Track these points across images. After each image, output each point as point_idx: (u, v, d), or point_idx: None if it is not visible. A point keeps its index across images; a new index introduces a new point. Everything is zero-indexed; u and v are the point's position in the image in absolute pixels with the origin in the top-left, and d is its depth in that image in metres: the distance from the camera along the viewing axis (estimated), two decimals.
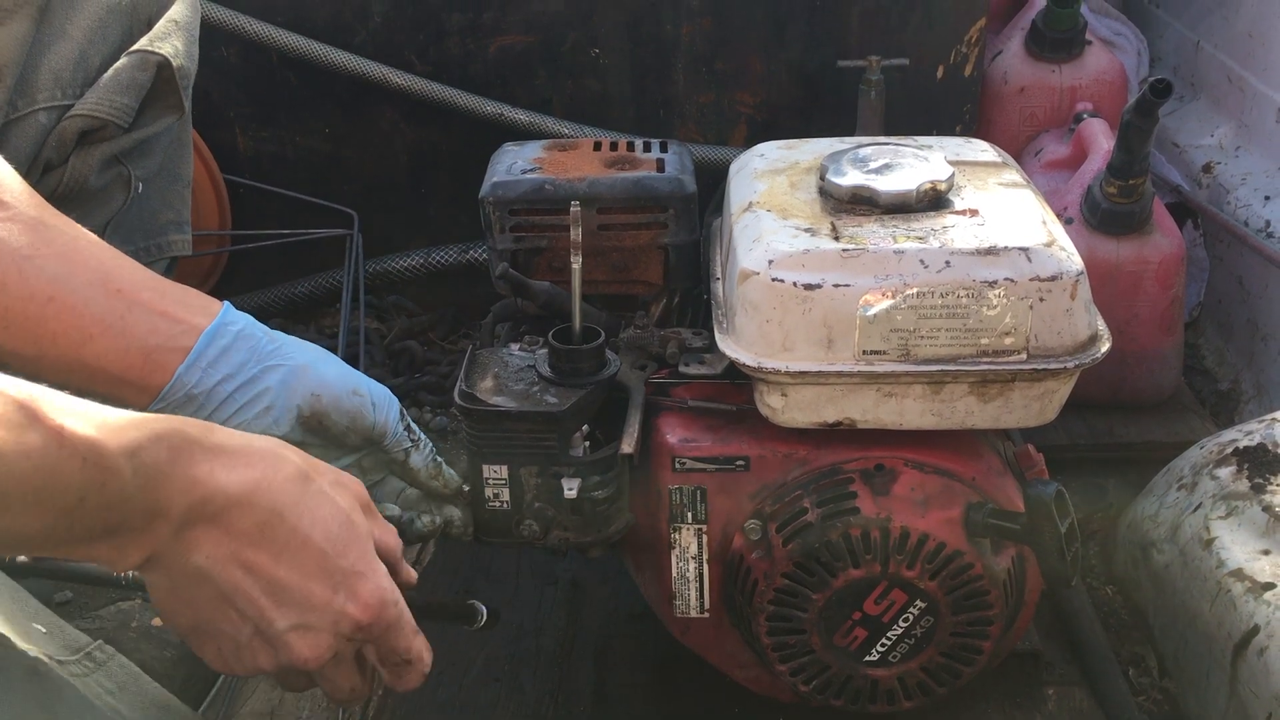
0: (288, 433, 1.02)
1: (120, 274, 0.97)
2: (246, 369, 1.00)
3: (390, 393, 1.11)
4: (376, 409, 1.08)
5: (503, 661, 1.43)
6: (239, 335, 1.00)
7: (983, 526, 1.12)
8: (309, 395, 1.03)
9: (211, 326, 0.99)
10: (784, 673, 1.18)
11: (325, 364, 1.05)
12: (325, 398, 1.04)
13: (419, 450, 1.13)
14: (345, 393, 1.05)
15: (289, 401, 1.02)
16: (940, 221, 1.14)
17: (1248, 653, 1.22)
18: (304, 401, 1.03)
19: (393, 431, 1.10)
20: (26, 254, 0.93)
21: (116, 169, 1.19)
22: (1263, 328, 1.93)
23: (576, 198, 1.25)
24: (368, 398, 1.07)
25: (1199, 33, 2.28)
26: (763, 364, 1.11)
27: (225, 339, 0.99)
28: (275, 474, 0.83)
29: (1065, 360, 1.10)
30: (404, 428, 1.11)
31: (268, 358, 1.01)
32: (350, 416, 1.06)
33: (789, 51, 2.05)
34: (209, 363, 0.98)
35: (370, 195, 2.13)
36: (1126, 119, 1.63)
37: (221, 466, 0.80)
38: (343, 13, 2.02)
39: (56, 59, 1.13)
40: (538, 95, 2.07)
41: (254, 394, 1.00)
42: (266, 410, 1.01)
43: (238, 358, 1.00)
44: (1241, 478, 1.38)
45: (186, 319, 0.98)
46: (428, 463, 1.14)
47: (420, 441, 1.13)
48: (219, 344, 0.99)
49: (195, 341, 0.97)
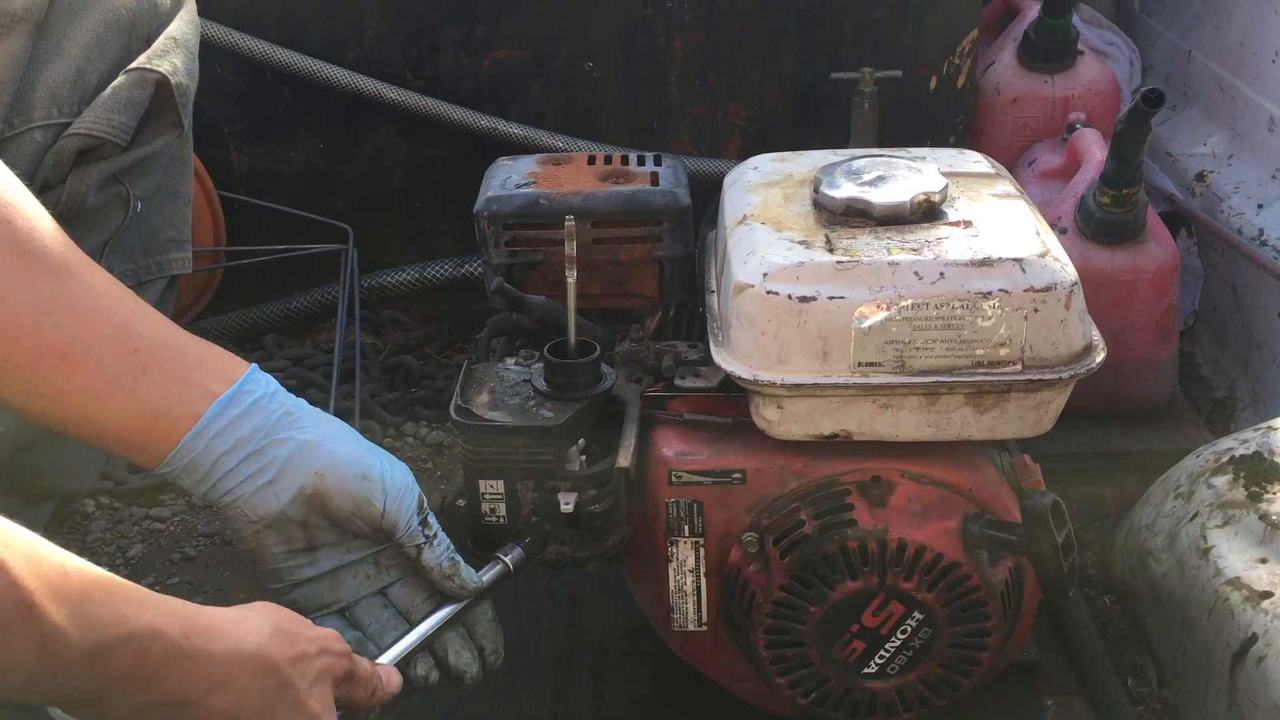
0: (288, 508, 0.98)
1: (141, 331, 0.95)
2: (254, 440, 0.96)
3: (411, 481, 1.04)
4: (388, 496, 1.01)
5: (501, 676, 1.43)
6: (252, 405, 0.97)
7: (980, 537, 1.12)
8: (313, 473, 0.98)
9: (226, 394, 0.96)
10: (782, 686, 1.18)
11: (337, 442, 1.00)
12: (329, 478, 0.99)
13: (433, 548, 1.05)
14: (353, 476, 1.00)
15: (293, 478, 0.98)
16: (934, 233, 1.14)
17: (1246, 661, 1.22)
18: (307, 480, 0.98)
19: (405, 524, 1.03)
20: (45, 309, 0.91)
21: (115, 188, 1.17)
22: (1257, 335, 1.94)
23: (571, 212, 1.25)
24: (378, 483, 1.01)
25: (1190, 42, 2.29)
26: (758, 376, 1.11)
27: (238, 408, 0.96)
28: (248, 688, 0.83)
29: (1060, 370, 1.10)
30: (420, 520, 1.04)
31: (277, 429, 0.98)
32: (355, 501, 1.00)
33: (782, 64, 2.06)
34: (217, 431, 0.95)
35: (365, 210, 2.13)
36: (1119, 129, 1.63)
37: (193, 674, 0.80)
38: (336, 28, 2.03)
39: (53, 76, 1.12)
40: (531, 109, 2.07)
41: (258, 466, 0.97)
42: (269, 484, 0.97)
43: (247, 427, 0.96)
44: (1238, 486, 1.38)
45: (202, 383, 0.96)
46: (441, 561, 1.05)
47: (436, 538, 1.05)
48: (230, 413, 0.96)
49: (207, 408, 0.95)
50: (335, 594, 1.04)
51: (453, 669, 1.08)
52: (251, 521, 0.98)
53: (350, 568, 1.04)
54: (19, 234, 0.91)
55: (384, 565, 1.06)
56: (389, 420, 1.98)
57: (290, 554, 1.01)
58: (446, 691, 1.39)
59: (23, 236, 0.91)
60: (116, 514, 1.77)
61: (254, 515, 0.98)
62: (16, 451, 1.15)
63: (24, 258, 0.91)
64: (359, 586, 1.05)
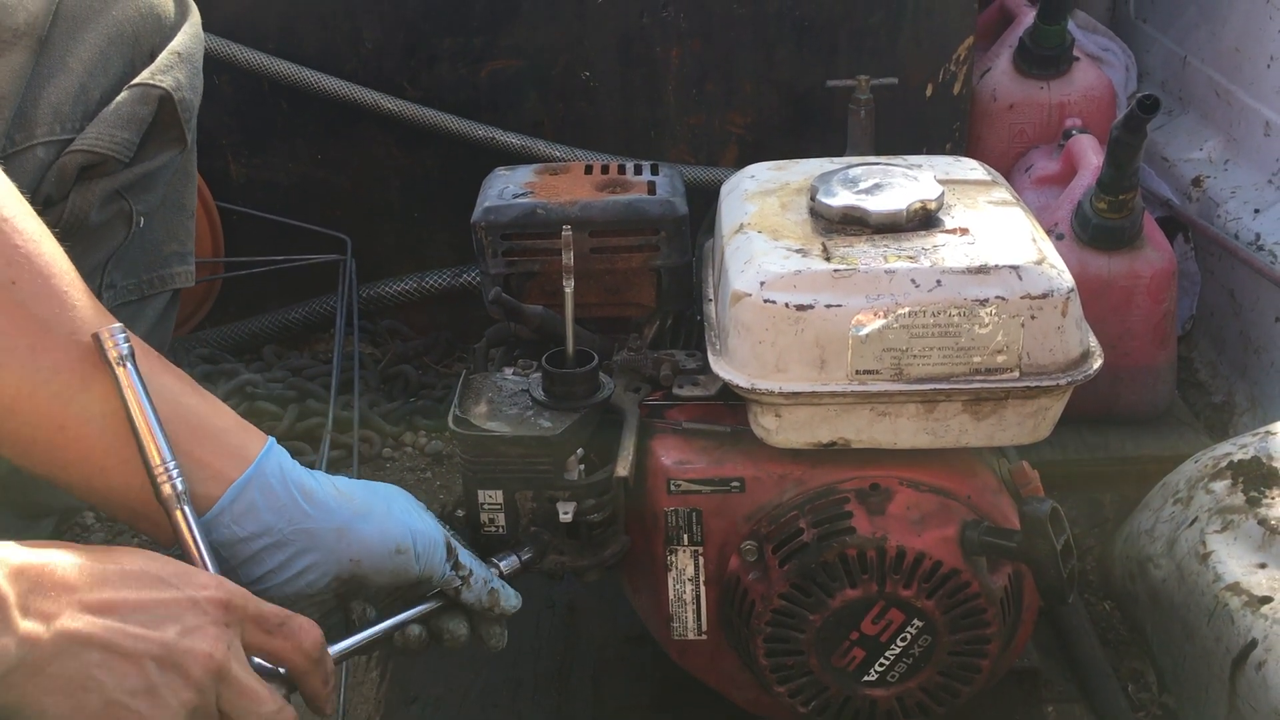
0: (324, 592, 0.97)
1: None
2: (276, 530, 0.94)
3: (436, 530, 1.03)
4: (421, 560, 1.01)
5: (500, 687, 1.43)
6: (270, 490, 0.94)
7: (979, 544, 1.12)
8: (348, 561, 0.96)
9: (241, 479, 0.93)
10: (782, 694, 1.18)
11: (364, 522, 0.98)
12: (365, 563, 0.97)
13: (470, 588, 1.06)
14: (387, 554, 0.98)
15: (326, 568, 0.96)
16: (931, 240, 1.15)
17: (1246, 667, 1.22)
18: (344, 569, 0.97)
19: (439, 575, 1.03)
20: (45, 377, 0.88)
21: (118, 204, 1.16)
22: (1255, 340, 1.94)
23: (568, 221, 1.25)
24: (410, 552, 1.00)
25: (1186, 48, 2.30)
26: (756, 385, 1.11)
27: (255, 493, 0.93)
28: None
29: (1058, 377, 1.11)
30: (451, 565, 1.04)
31: (302, 519, 0.95)
32: (393, 575, 0.99)
33: (778, 72, 2.06)
34: (233, 518, 0.93)
35: (363, 220, 2.14)
36: (1115, 135, 1.64)
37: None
38: (334, 40, 2.03)
39: (56, 92, 1.11)
40: (529, 119, 2.08)
41: (285, 558, 0.94)
42: (299, 575, 0.95)
43: (267, 517, 0.94)
44: (1237, 491, 1.39)
45: (213, 464, 0.93)
46: (480, 598, 1.07)
47: (472, 577, 1.06)
48: (247, 498, 0.93)
49: (222, 492, 0.92)
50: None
51: (446, 632, 1.07)
52: (285, 601, 0.94)
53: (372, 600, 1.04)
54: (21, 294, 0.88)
55: (405, 595, 1.06)
56: (388, 430, 1.98)
57: (323, 617, 0.99)
58: (447, 703, 1.40)
59: (26, 297, 0.88)
60: (115, 527, 1.77)
61: (286, 600, 0.95)
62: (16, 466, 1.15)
63: (26, 319, 0.88)
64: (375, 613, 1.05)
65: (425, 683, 1.44)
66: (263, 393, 1.97)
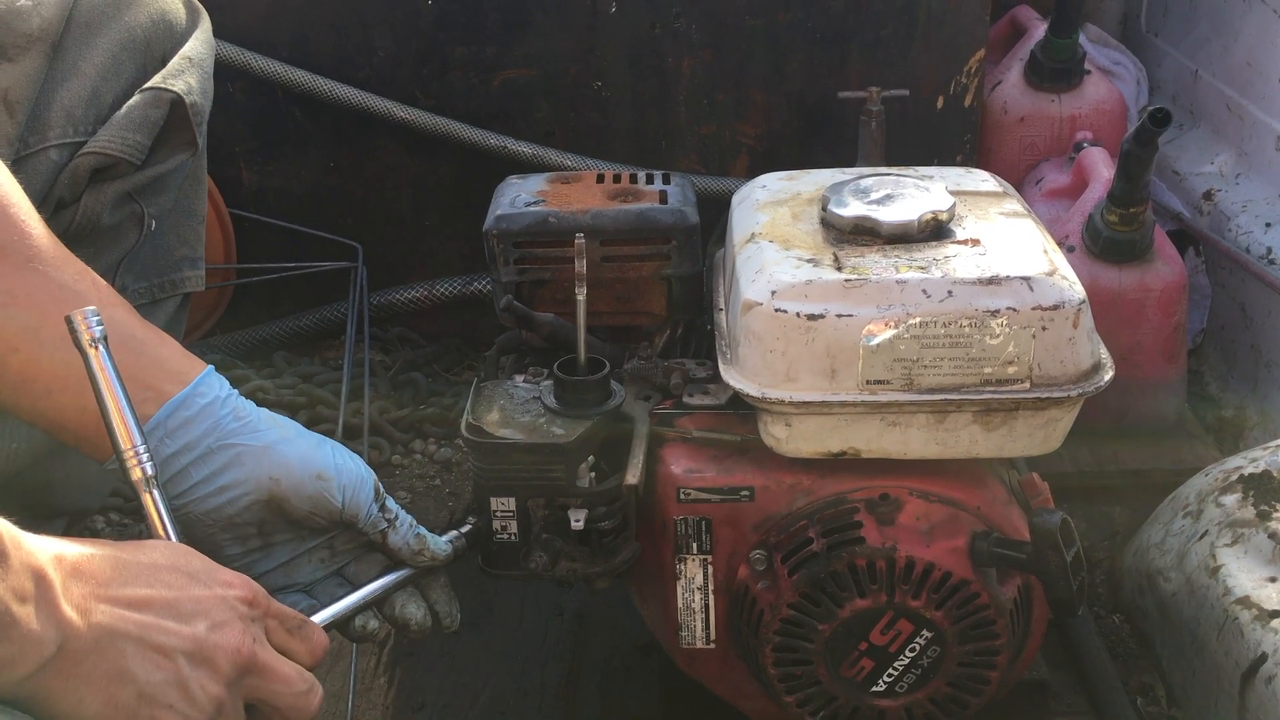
0: (243, 513, 0.99)
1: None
2: (203, 444, 0.97)
3: (365, 470, 1.05)
4: (345, 492, 1.02)
5: (508, 694, 1.43)
6: (204, 408, 0.97)
7: (988, 555, 1.12)
8: (267, 479, 0.98)
9: (177, 396, 0.96)
10: (791, 704, 1.17)
11: (289, 444, 1.00)
12: (285, 482, 0.99)
13: (396, 530, 1.06)
14: (308, 477, 0.99)
15: (246, 484, 0.98)
16: (942, 251, 1.15)
17: (1256, 681, 1.21)
18: (262, 485, 0.98)
19: (365, 514, 1.03)
20: (2, 301, 0.92)
21: (130, 206, 1.18)
22: (1266, 354, 1.94)
23: (580, 230, 1.25)
24: (333, 481, 1.01)
25: (1197, 62, 2.30)
26: (767, 394, 1.11)
27: (189, 410, 0.97)
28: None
29: (1069, 389, 1.11)
30: (378, 508, 1.05)
31: (229, 435, 0.98)
32: (312, 502, 1.00)
33: (790, 83, 2.06)
34: (166, 433, 0.96)
35: (374, 228, 2.14)
36: (1126, 148, 1.64)
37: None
38: (347, 48, 2.04)
39: (69, 95, 1.13)
40: (540, 128, 2.08)
41: (209, 471, 0.97)
42: (221, 490, 0.97)
43: (196, 431, 0.97)
44: (1247, 505, 1.38)
45: (155, 385, 0.96)
46: (407, 541, 1.07)
47: (397, 520, 1.06)
48: (181, 415, 0.96)
49: (157, 410, 0.95)
50: (291, 579, 1.05)
51: (398, 619, 1.09)
52: (206, 524, 0.98)
53: (305, 555, 1.05)
54: None
55: (339, 549, 1.07)
56: (397, 437, 1.98)
57: (246, 552, 1.02)
58: (455, 710, 1.40)
59: None
60: (126, 530, 1.77)
61: (208, 519, 0.98)
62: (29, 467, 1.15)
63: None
64: (314, 570, 1.06)
65: (433, 690, 1.44)
66: (273, 399, 1.98)
